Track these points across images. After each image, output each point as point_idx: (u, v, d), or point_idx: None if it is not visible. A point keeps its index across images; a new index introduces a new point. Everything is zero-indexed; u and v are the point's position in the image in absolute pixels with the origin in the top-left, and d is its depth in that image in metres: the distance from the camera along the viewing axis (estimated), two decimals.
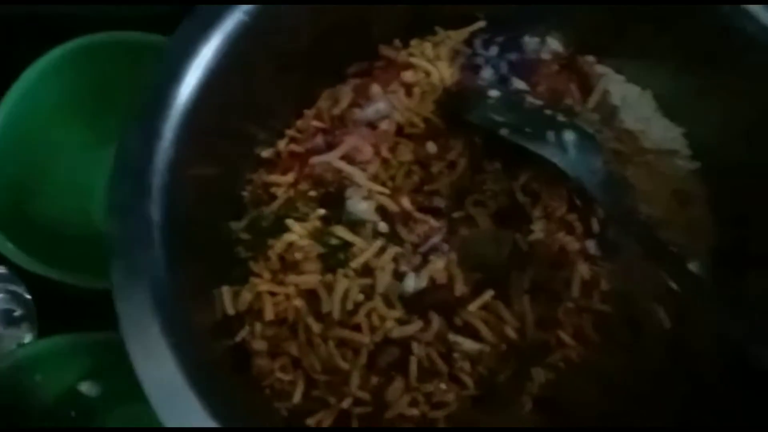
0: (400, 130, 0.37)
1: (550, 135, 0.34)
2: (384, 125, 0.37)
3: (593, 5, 0.37)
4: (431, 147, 0.36)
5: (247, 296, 0.33)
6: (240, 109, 0.36)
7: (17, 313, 0.44)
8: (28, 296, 0.43)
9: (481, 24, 0.39)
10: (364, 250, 0.34)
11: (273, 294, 0.34)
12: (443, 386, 0.32)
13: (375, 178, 0.36)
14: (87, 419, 0.42)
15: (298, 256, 0.33)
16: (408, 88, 0.38)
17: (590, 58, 0.39)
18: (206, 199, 0.34)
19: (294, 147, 0.38)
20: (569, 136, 0.34)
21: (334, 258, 0.34)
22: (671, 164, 0.37)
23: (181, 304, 0.29)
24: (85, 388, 0.42)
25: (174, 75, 0.30)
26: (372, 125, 0.37)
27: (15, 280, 0.43)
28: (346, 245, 0.34)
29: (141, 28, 0.44)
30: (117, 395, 0.42)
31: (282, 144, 0.38)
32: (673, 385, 0.34)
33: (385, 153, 0.36)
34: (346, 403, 0.32)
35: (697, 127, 0.38)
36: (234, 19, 0.31)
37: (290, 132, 0.39)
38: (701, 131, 0.37)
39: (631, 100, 0.39)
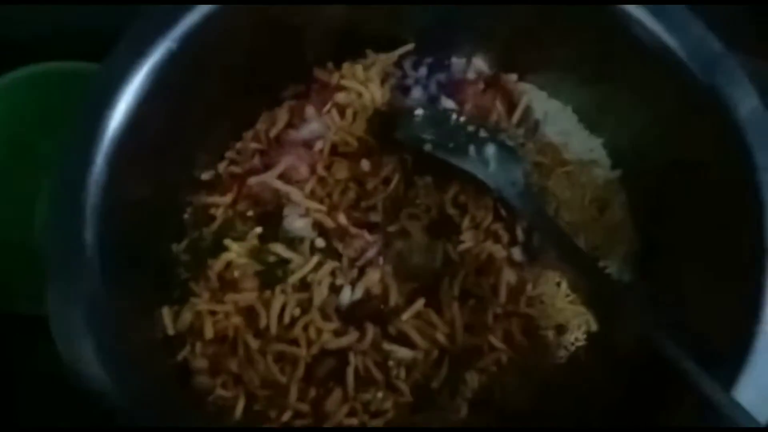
0: (334, 149, 0.38)
1: (472, 149, 0.36)
2: (319, 145, 0.38)
3: (507, 25, 0.39)
4: (365, 164, 0.38)
5: (187, 316, 0.34)
6: (176, 134, 0.36)
7: None
8: None
9: (410, 47, 0.41)
10: (302, 265, 0.35)
11: (213, 313, 0.34)
12: (380, 395, 0.33)
13: (312, 196, 0.37)
14: None
15: (236, 274, 0.34)
16: (341, 109, 0.39)
17: (513, 77, 0.42)
18: (144, 221, 0.35)
19: (233, 169, 0.39)
20: (490, 150, 0.36)
21: (271, 275, 0.35)
22: (591, 174, 0.39)
23: (119, 325, 0.30)
24: None
25: (105, 101, 0.31)
26: (308, 145, 0.38)
27: None
28: (284, 262, 0.35)
29: (79, 57, 0.45)
30: None
31: (221, 166, 0.39)
32: (601, 383, 0.35)
33: (321, 171, 0.38)
34: (286, 416, 0.33)
35: (615, 136, 0.40)
36: (163, 47, 0.32)
37: (229, 154, 0.40)
38: (618, 140, 0.40)
39: (552, 115, 0.41)
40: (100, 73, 0.31)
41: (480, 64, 0.42)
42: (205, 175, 0.39)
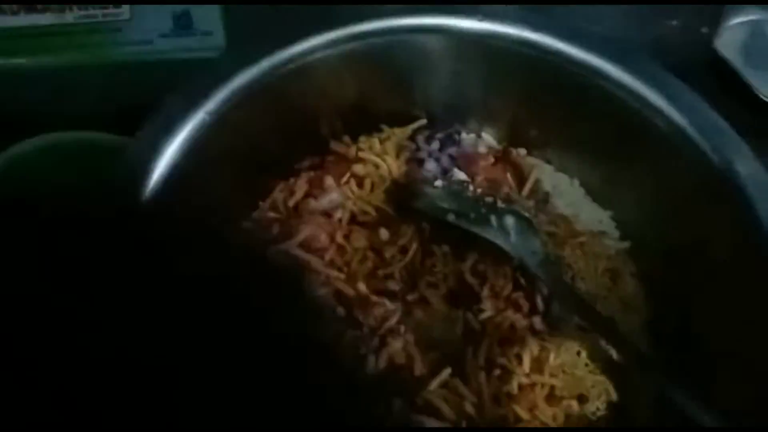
0: (353, 219, 0.39)
1: (493, 219, 0.37)
2: (338, 214, 0.39)
3: (513, 104, 0.41)
4: (383, 233, 0.39)
5: None
6: (198, 205, 0.37)
7: None
8: None
9: (422, 122, 0.43)
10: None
11: None
12: None
13: (331, 264, 0.37)
14: None
15: None
16: (359, 180, 0.40)
17: (522, 151, 0.43)
18: None
19: (250, 238, 0.39)
20: (509, 220, 0.37)
21: None
22: (602, 244, 0.40)
23: None
24: None
25: (138, 172, 0.31)
26: (327, 214, 0.39)
27: None
28: None
29: (96, 128, 0.46)
30: None
31: (237, 237, 0.39)
32: None
33: (340, 240, 0.38)
34: None
35: (622, 209, 0.42)
36: (197, 118, 0.33)
37: (246, 224, 0.40)
38: (626, 213, 0.41)
39: (561, 188, 0.42)
40: (136, 143, 0.32)
41: (489, 139, 0.44)
42: None
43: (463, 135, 0.44)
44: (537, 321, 0.36)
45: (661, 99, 0.36)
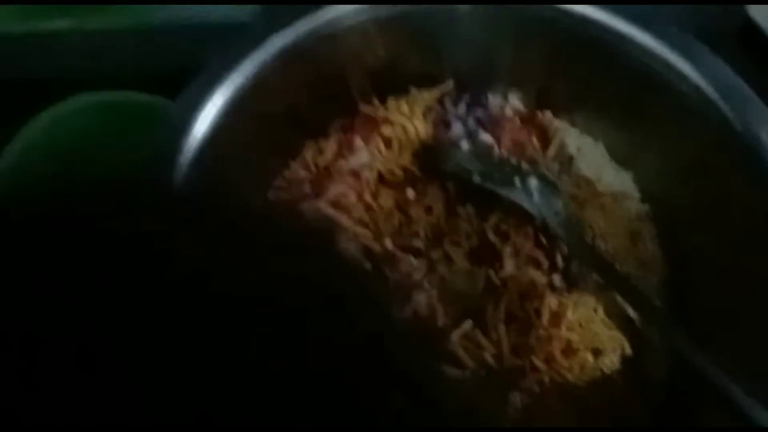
0: (381, 178, 0.41)
1: (517, 181, 0.38)
2: (366, 174, 0.40)
3: (540, 67, 0.42)
4: (410, 193, 0.40)
5: None
6: (234, 162, 0.39)
7: None
8: None
9: (450, 84, 0.44)
10: None
11: None
12: None
13: (359, 222, 0.39)
14: None
15: None
16: (387, 141, 0.42)
17: (547, 114, 0.44)
18: None
19: (282, 196, 0.41)
20: (533, 182, 0.38)
21: None
22: (623, 206, 0.41)
23: None
24: None
25: (181, 129, 0.33)
26: (355, 174, 0.41)
27: None
28: None
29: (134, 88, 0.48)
30: None
31: (270, 193, 0.41)
32: (633, 406, 0.37)
33: (367, 199, 0.40)
34: None
35: (644, 173, 0.42)
36: (235, 80, 0.35)
37: (278, 182, 0.42)
38: (648, 177, 0.42)
39: (585, 151, 0.43)
40: (180, 102, 0.34)
41: (515, 101, 0.45)
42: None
43: (490, 98, 0.45)
44: (556, 278, 0.38)
45: (686, 64, 0.37)
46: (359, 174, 0.41)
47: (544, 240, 0.38)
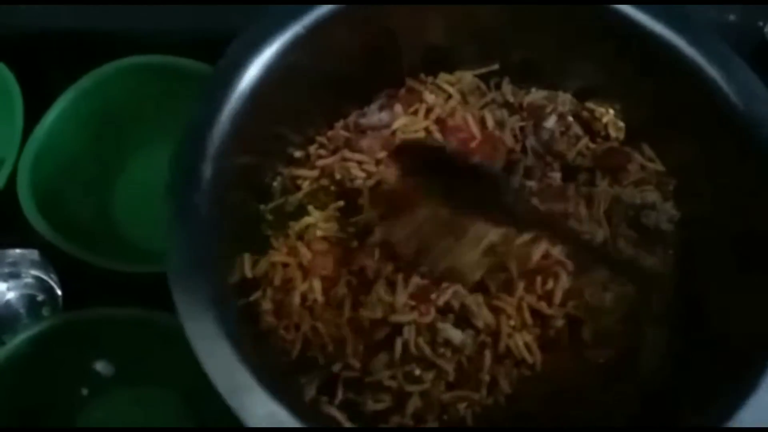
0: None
1: None
2: (399, 135, 0.43)
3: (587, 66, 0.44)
4: None
5: (264, 264, 0.39)
6: (282, 117, 0.42)
7: (40, 298, 0.47)
8: (53, 283, 0.47)
9: (495, 66, 0.46)
10: None
11: (285, 266, 0.39)
12: (418, 372, 0.37)
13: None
14: (98, 398, 0.45)
15: (314, 235, 0.39)
16: (427, 114, 0.44)
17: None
18: (243, 183, 0.40)
19: (321, 152, 0.44)
20: None
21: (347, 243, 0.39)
22: None
23: (216, 266, 0.35)
24: (100, 367, 0.45)
25: (227, 81, 0.37)
26: (386, 127, 0.43)
27: (44, 265, 0.47)
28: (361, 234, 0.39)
29: (176, 53, 0.52)
30: (130, 377, 0.45)
31: (312, 148, 0.44)
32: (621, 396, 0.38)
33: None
34: (336, 368, 0.37)
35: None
36: (292, 30, 0.38)
37: (320, 139, 0.45)
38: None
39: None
40: (230, 51, 0.37)
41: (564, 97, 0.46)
42: (298, 154, 0.44)
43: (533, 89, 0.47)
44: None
45: (718, 74, 0.38)
46: (388, 131, 0.43)
47: None
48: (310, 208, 0.41)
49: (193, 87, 0.48)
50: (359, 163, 0.41)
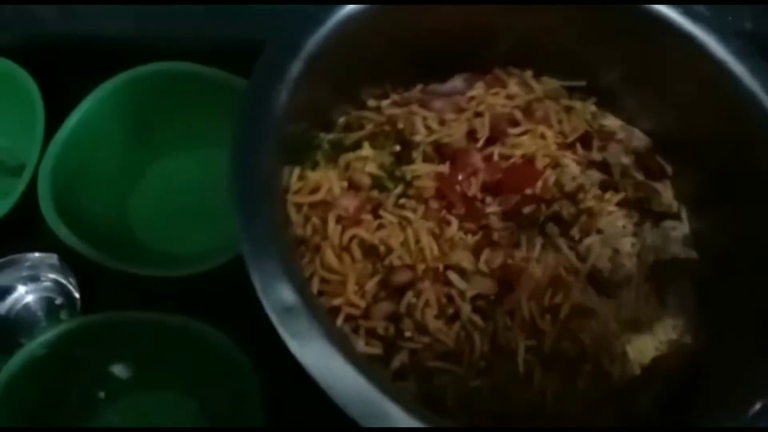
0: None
1: None
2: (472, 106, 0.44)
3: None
4: None
5: (308, 181, 0.40)
6: (363, 68, 0.42)
7: (58, 301, 0.47)
8: (72, 286, 0.47)
9: (581, 83, 0.46)
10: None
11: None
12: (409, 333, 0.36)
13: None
14: (114, 401, 0.44)
15: (367, 168, 0.40)
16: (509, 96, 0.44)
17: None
18: (312, 112, 0.41)
19: (393, 108, 0.44)
20: None
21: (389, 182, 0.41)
22: None
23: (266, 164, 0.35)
24: (117, 370, 0.44)
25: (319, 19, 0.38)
26: (460, 93, 0.44)
27: (63, 269, 0.47)
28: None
29: (197, 60, 0.51)
30: (147, 380, 0.45)
31: (385, 102, 0.45)
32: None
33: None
34: (337, 301, 0.36)
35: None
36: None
37: (395, 96, 0.45)
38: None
39: None
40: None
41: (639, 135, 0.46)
42: (371, 103, 0.45)
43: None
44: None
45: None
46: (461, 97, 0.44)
47: None
48: (366, 144, 0.42)
49: (212, 95, 0.50)
50: (424, 118, 0.43)
